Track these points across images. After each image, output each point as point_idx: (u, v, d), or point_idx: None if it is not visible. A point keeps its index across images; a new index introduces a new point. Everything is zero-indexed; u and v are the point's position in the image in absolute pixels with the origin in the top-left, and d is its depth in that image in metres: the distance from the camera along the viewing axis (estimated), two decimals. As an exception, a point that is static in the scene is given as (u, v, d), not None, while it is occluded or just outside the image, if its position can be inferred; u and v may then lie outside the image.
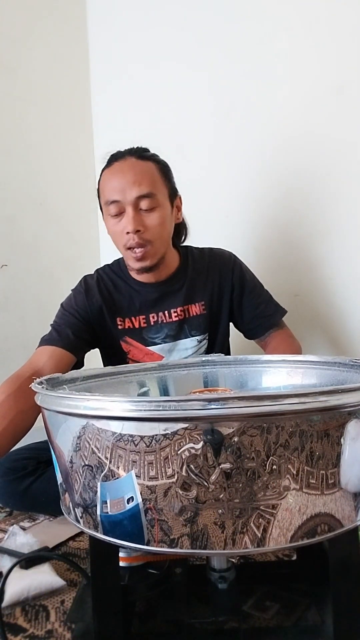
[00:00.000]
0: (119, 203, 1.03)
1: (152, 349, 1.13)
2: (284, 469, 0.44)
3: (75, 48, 1.82)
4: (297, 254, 1.38)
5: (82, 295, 1.13)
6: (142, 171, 1.03)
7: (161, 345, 1.13)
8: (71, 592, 0.79)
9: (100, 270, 1.19)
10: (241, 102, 1.45)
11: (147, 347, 1.13)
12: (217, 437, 0.43)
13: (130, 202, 1.02)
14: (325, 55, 1.28)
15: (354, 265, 1.30)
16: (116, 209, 1.03)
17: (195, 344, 1.14)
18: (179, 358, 1.12)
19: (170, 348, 1.13)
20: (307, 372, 0.77)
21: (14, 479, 1.08)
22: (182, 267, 1.16)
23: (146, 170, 1.04)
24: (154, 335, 1.13)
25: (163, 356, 1.13)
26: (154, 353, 1.13)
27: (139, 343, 1.13)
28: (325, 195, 1.32)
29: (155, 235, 1.04)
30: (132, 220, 1.01)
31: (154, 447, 0.44)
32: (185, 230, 1.22)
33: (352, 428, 0.46)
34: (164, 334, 1.13)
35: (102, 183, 1.07)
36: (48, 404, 0.53)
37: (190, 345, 1.14)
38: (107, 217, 1.07)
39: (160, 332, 1.13)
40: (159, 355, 1.12)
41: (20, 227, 1.61)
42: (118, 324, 1.13)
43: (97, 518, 0.49)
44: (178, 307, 1.14)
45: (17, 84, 1.62)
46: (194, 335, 1.14)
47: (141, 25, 1.67)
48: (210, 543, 0.44)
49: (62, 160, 1.76)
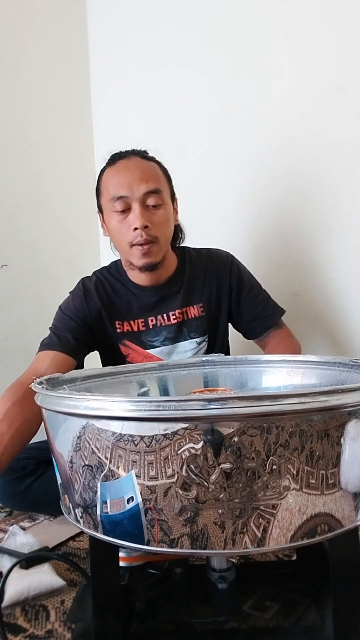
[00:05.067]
0: (126, 199, 1.02)
1: (152, 351, 1.12)
2: (284, 469, 0.44)
3: (76, 49, 1.82)
4: (297, 254, 1.38)
5: (81, 298, 1.12)
6: (148, 168, 1.04)
7: (160, 348, 1.12)
8: (71, 592, 0.79)
9: (98, 273, 1.18)
10: (241, 103, 1.44)
11: (146, 350, 1.12)
12: (217, 437, 0.43)
13: (138, 198, 1.01)
14: (324, 56, 1.28)
15: (354, 265, 1.30)
16: (122, 205, 1.02)
17: (195, 346, 1.14)
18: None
19: (169, 351, 1.13)
20: (307, 372, 0.77)
21: (14, 479, 1.08)
22: (180, 269, 1.15)
23: (152, 169, 1.05)
24: (152, 338, 1.12)
25: (162, 359, 1.12)
26: (153, 356, 1.12)
27: (138, 346, 1.12)
28: (325, 196, 1.32)
29: (161, 232, 1.04)
30: (140, 216, 1.00)
31: (154, 447, 0.44)
32: (182, 234, 1.21)
33: (352, 428, 0.46)
34: (163, 337, 1.12)
35: (106, 180, 1.06)
36: (48, 404, 0.53)
37: (189, 347, 1.14)
38: (110, 215, 1.05)
39: (159, 335, 1.12)
40: (158, 358, 1.12)
41: (20, 227, 1.61)
42: (117, 328, 1.12)
43: (97, 518, 0.49)
44: (176, 309, 1.13)
45: (17, 84, 1.61)
46: (193, 337, 1.14)
47: (141, 26, 1.67)
48: (210, 543, 0.44)
49: (62, 160, 1.76)
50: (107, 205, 1.06)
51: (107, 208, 1.06)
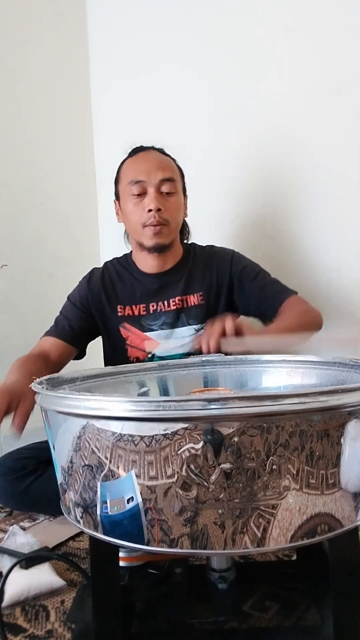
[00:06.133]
0: (143, 183, 1.12)
1: (149, 334, 1.18)
2: (284, 469, 0.44)
3: (76, 49, 1.83)
4: (297, 253, 1.38)
5: (85, 284, 1.22)
6: (165, 160, 1.16)
7: (158, 331, 1.18)
8: (71, 592, 0.79)
9: (108, 262, 1.27)
10: (240, 103, 1.45)
11: (144, 332, 1.18)
12: (217, 437, 0.43)
13: (154, 184, 1.11)
14: (324, 56, 1.28)
15: (354, 265, 1.30)
16: (139, 189, 1.12)
17: (193, 333, 1.17)
18: (177, 346, 1.17)
19: (167, 335, 1.18)
20: (307, 372, 0.76)
21: (14, 479, 1.09)
22: (184, 260, 1.22)
23: (168, 161, 1.17)
24: (151, 322, 1.18)
25: (159, 342, 1.17)
26: (150, 339, 1.18)
27: (137, 329, 1.18)
28: (326, 195, 1.32)
29: (172, 217, 1.13)
30: (154, 199, 1.10)
31: (154, 447, 0.44)
32: (188, 230, 1.29)
33: (352, 428, 0.46)
34: (162, 321, 1.18)
35: (126, 167, 1.17)
36: (48, 404, 0.53)
37: (187, 333, 1.17)
38: (127, 198, 1.14)
39: (158, 319, 1.18)
40: (155, 341, 1.17)
41: (20, 227, 1.61)
42: (118, 312, 1.19)
43: (97, 518, 0.49)
44: (177, 296, 1.18)
45: (18, 84, 1.62)
46: (191, 324, 1.18)
47: (140, 26, 1.67)
48: (210, 543, 0.44)
49: (63, 160, 1.76)
50: (124, 190, 1.15)
51: (125, 192, 1.15)
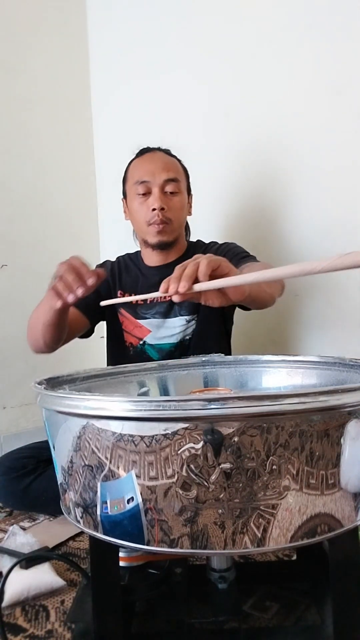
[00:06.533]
0: (147, 183, 1.16)
1: (142, 322, 1.23)
2: (284, 469, 0.44)
3: (76, 51, 1.83)
4: (296, 254, 1.38)
5: (97, 267, 1.24)
6: (170, 161, 1.20)
7: (150, 320, 1.22)
8: (71, 592, 0.80)
9: (120, 256, 1.34)
10: (239, 106, 1.45)
11: (137, 320, 1.23)
12: (217, 437, 0.43)
13: (159, 184, 1.15)
14: (323, 58, 1.28)
15: (354, 265, 1.29)
16: (144, 188, 1.16)
17: (184, 324, 1.20)
18: (167, 335, 1.21)
19: (158, 324, 1.22)
20: (307, 372, 0.77)
21: (14, 478, 1.09)
22: (185, 255, 1.24)
23: (173, 162, 1.21)
24: (145, 311, 1.22)
25: (151, 330, 1.21)
26: (142, 326, 1.23)
27: (131, 316, 1.24)
28: (325, 195, 1.32)
29: (175, 216, 1.18)
30: (158, 199, 1.15)
31: (154, 447, 0.44)
32: (188, 230, 1.31)
33: (352, 428, 0.46)
34: (155, 311, 1.22)
35: (133, 168, 1.22)
36: (48, 404, 0.53)
37: (178, 324, 1.20)
38: (133, 197, 1.19)
39: (152, 309, 1.22)
40: (147, 328, 1.22)
41: (20, 227, 1.61)
42: (118, 296, 1.26)
43: (97, 518, 0.49)
44: None
45: (18, 85, 1.62)
46: (182, 314, 1.20)
47: (140, 27, 1.67)
48: (210, 543, 0.44)
49: (63, 160, 1.76)
50: (130, 189, 1.20)
51: (131, 191, 1.20)
